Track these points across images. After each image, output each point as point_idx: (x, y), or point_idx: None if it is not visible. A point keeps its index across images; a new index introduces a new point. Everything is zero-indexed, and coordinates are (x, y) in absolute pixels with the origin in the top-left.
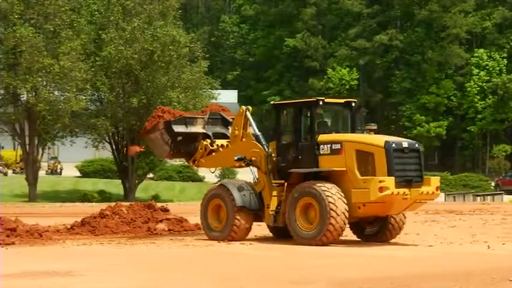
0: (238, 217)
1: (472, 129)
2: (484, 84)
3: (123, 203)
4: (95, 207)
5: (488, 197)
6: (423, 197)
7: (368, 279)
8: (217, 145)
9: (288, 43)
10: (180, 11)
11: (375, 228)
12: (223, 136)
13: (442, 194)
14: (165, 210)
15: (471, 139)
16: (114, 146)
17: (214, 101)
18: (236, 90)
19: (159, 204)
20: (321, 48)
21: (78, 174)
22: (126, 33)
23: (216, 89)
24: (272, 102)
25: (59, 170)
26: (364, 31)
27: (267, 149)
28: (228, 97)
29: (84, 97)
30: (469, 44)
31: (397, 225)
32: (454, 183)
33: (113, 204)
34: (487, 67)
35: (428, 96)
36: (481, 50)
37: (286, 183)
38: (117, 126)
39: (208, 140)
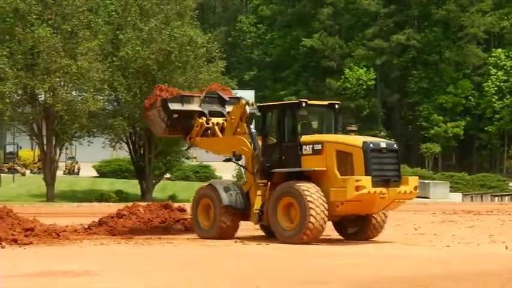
0: (224, 216)
1: (490, 129)
2: (502, 84)
3: (140, 203)
4: (112, 207)
5: (506, 197)
6: (401, 196)
7: (383, 279)
8: (213, 123)
9: (305, 43)
10: (197, 11)
11: (357, 227)
12: (220, 114)
13: (460, 194)
14: (182, 210)
15: (489, 139)
16: (131, 146)
17: None
18: (253, 90)
19: (176, 204)
20: (338, 48)
21: (96, 174)
22: (144, 34)
23: (233, 89)
24: (258, 104)
25: (76, 170)
26: (381, 31)
27: (257, 148)
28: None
29: (101, 97)
30: (487, 43)
31: (380, 222)
32: (472, 184)
33: (130, 204)
34: (505, 67)
35: (446, 96)
36: (499, 50)
37: (269, 183)
38: (135, 126)
39: (204, 118)
